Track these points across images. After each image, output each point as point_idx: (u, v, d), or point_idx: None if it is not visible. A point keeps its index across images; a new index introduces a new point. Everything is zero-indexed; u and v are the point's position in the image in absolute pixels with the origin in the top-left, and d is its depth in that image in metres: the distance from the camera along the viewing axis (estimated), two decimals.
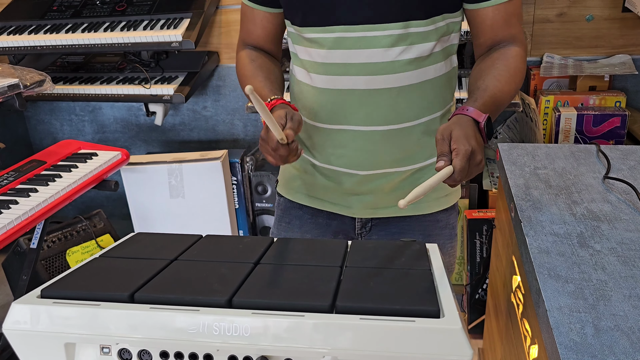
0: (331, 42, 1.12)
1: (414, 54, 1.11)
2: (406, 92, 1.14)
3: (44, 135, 3.04)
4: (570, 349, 0.78)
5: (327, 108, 1.17)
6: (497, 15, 1.11)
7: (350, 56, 1.11)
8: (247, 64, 1.23)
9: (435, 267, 0.75)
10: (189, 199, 2.42)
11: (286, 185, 1.34)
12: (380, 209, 1.25)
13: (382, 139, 1.16)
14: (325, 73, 1.15)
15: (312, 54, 1.16)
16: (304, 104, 1.22)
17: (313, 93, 1.18)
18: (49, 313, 0.66)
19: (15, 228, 1.53)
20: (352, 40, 1.10)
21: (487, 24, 1.13)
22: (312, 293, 0.67)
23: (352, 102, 1.14)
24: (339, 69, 1.13)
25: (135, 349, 0.66)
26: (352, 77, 1.12)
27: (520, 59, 1.14)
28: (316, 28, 1.12)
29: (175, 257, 0.80)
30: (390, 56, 1.10)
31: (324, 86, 1.16)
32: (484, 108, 1.03)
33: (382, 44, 1.09)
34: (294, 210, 1.32)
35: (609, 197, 1.20)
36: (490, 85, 1.08)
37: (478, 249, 2.15)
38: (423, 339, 0.59)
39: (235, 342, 0.63)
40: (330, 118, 1.17)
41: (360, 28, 1.09)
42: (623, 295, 0.89)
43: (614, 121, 2.14)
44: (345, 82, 1.13)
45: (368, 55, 1.10)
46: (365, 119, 1.15)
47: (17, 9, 2.64)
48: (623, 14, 2.29)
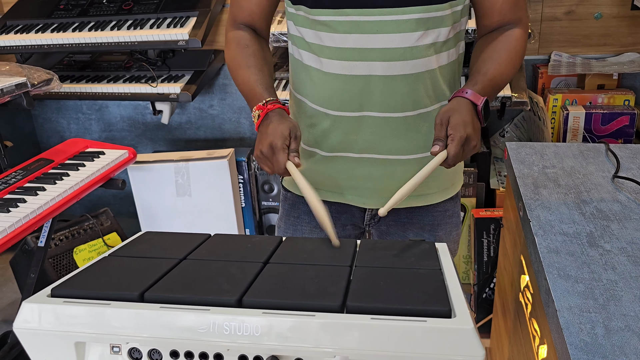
0: (346, 26, 1.07)
1: (432, 39, 1.09)
2: (423, 78, 1.12)
3: (51, 134, 3.05)
4: (581, 349, 0.78)
5: (340, 95, 1.13)
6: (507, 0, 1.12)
7: (368, 41, 1.07)
8: (240, 50, 1.18)
9: (446, 267, 0.74)
10: (195, 197, 2.42)
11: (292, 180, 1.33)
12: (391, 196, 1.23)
13: (398, 125, 1.14)
14: (339, 58, 1.10)
15: (322, 38, 1.11)
16: (312, 91, 1.18)
17: (324, 79, 1.14)
18: (59, 312, 0.66)
19: (23, 226, 1.53)
20: (370, 24, 1.06)
21: (496, 8, 1.13)
22: (322, 293, 0.67)
23: (368, 89, 1.11)
24: (355, 54, 1.09)
25: (145, 349, 0.66)
26: (369, 62, 1.09)
27: (523, 41, 1.15)
28: (330, 10, 1.07)
29: (185, 257, 0.80)
30: (409, 41, 1.07)
31: (337, 72, 1.12)
32: (482, 91, 1.05)
33: (401, 29, 1.06)
34: (302, 206, 1.30)
35: (619, 196, 1.19)
36: (491, 68, 1.09)
37: (485, 248, 2.15)
38: (434, 339, 0.59)
39: (245, 342, 0.63)
40: (343, 105, 1.14)
41: (378, 12, 1.05)
42: (634, 296, 0.89)
43: (622, 120, 2.13)
44: (361, 68, 1.09)
45: (387, 40, 1.07)
46: (382, 106, 1.12)
47: (24, 8, 2.65)
48: (632, 12, 2.27)
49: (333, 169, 1.22)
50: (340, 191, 1.25)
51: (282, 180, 1.38)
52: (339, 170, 1.22)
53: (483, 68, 1.10)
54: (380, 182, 1.21)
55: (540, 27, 2.35)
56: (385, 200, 1.23)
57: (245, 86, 1.15)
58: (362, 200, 1.24)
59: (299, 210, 1.31)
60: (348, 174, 1.21)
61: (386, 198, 1.22)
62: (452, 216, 1.31)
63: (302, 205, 1.30)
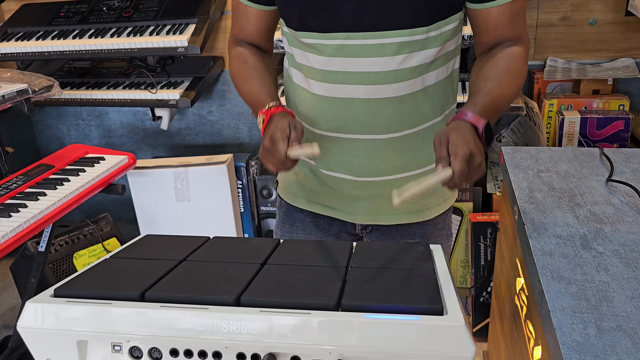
0: (332, 50, 1.08)
1: (416, 61, 1.08)
2: (408, 100, 1.11)
3: (51, 140, 3.07)
4: (573, 349, 0.79)
5: (326, 116, 1.14)
6: (501, 15, 1.08)
7: (351, 64, 1.08)
8: (240, 65, 1.20)
9: (439, 267, 0.76)
10: (194, 202, 2.44)
11: (286, 189, 1.32)
12: (381, 215, 1.24)
13: (383, 147, 1.14)
14: (324, 81, 1.11)
15: (310, 60, 1.12)
16: (302, 110, 1.19)
17: (311, 99, 1.15)
18: (61, 312, 0.67)
19: (24, 231, 1.55)
20: (353, 48, 1.06)
21: (490, 24, 1.09)
22: (318, 292, 0.68)
23: (353, 111, 1.11)
24: (339, 77, 1.09)
25: (145, 347, 0.67)
26: (353, 85, 1.09)
27: (523, 60, 1.11)
28: (316, 34, 1.08)
29: (184, 258, 0.81)
30: (392, 64, 1.07)
31: (323, 94, 1.13)
32: (483, 113, 1.02)
33: (385, 52, 1.06)
34: (295, 214, 1.31)
35: (612, 199, 1.21)
36: (492, 89, 1.06)
37: (482, 252, 2.16)
38: (427, 336, 0.60)
39: (243, 340, 0.64)
40: (329, 126, 1.15)
41: (361, 35, 1.05)
42: (625, 297, 0.90)
43: (617, 124, 2.15)
44: (345, 91, 1.10)
45: (370, 63, 1.07)
46: (366, 128, 1.12)
47: (25, 16, 2.67)
48: (626, 18, 2.30)
49: (324, 184, 1.23)
50: (331, 206, 1.26)
51: (276, 186, 1.39)
52: (329, 186, 1.23)
53: (484, 88, 1.06)
54: (367, 202, 1.22)
55: (536, 33, 2.38)
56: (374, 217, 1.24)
57: (250, 97, 1.17)
58: (352, 216, 1.25)
59: (293, 218, 1.32)
60: (337, 192, 1.22)
61: (375, 215, 1.24)
62: (443, 228, 1.31)
63: (296, 213, 1.31)
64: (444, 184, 0.94)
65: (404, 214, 1.23)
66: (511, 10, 1.07)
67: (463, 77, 2.25)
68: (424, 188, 0.91)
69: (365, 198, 1.21)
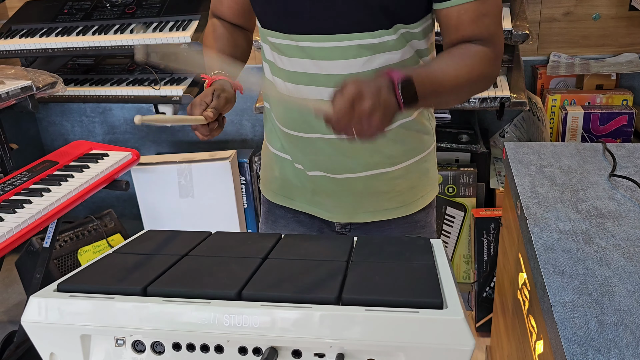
0: (294, 51, 1.07)
1: (379, 63, 1.06)
2: None
3: (55, 137, 3.08)
4: (574, 342, 0.80)
5: (293, 116, 1.14)
6: (463, 15, 1.02)
7: (314, 66, 1.07)
8: (208, 34, 1.22)
9: (439, 261, 0.76)
10: (198, 198, 2.44)
11: (266, 185, 1.32)
12: (358, 214, 1.23)
13: (352, 146, 1.11)
14: (287, 80, 1.11)
15: (275, 58, 1.12)
16: (273, 106, 1.20)
17: (279, 98, 1.16)
18: (65, 306, 0.68)
19: (29, 227, 1.56)
20: (315, 50, 1.05)
21: (452, 24, 1.04)
22: (319, 286, 0.69)
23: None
24: (303, 78, 1.09)
25: (148, 341, 0.68)
26: (317, 87, 1.08)
27: (482, 58, 1.02)
28: (277, 33, 1.08)
29: (186, 253, 0.82)
30: (354, 67, 1.05)
31: (287, 93, 1.12)
32: (413, 75, 0.92)
33: (345, 55, 1.05)
34: (277, 210, 1.31)
35: (615, 194, 1.21)
36: (435, 64, 1.02)
37: (485, 248, 2.16)
38: (427, 329, 0.61)
39: (245, 334, 0.65)
40: (297, 126, 1.14)
41: (322, 38, 1.04)
42: (627, 291, 0.90)
43: (620, 119, 2.14)
44: (310, 92, 1.09)
45: (332, 66, 1.06)
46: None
47: (28, 13, 2.68)
48: (630, 13, 2.29)
49: (302, 181, 1.23)
50: (308, 203, 1.25)
51: (259, 181, 1.38)
52: (306, 184, 1.22)
53: (426, 65, 1.05)
54: (343, 199, 1.21)
55: (539, 28, 2.37)
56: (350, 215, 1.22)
57: (207, 64, 1.17)
58: (328, 214, 1.24)
59: (275, 214, 1.32)
60: (312, 189, 1.22)
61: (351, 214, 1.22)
62: (424, 227, 1.28)
63: (277, 209, 1.31)
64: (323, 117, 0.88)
65: (379, 211, 1.22)
66: (475, 11, 1.01)
67: None
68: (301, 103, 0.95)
69: (340, 196, 1.20)
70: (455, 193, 2.28)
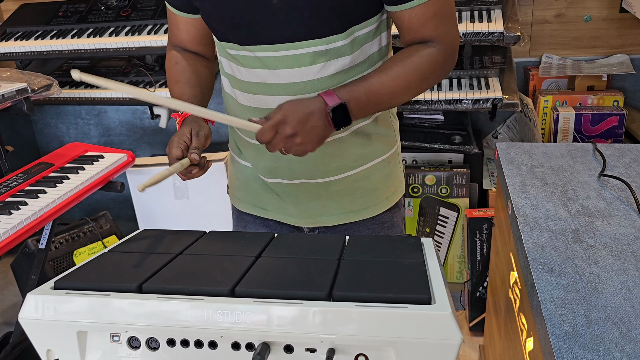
0: (251, 61, 1.09)
1: (335, 68, 1.07)
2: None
3: (50, 139, 3.08)
4: (562, 339, 0.81)
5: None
6: (413, 18, 1.05)
7: (271, 76, 1.08)
8: (171, 68, 1.21)
9: (429, 259, 0.78)
10: (193, 200, 2.45)
11: (233, 194, 1.33)
12: (323, 217, 1.23)
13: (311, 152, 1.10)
14: (247, 91, 1.13)
15: (234, 70, 1.13)
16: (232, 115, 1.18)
17: (239, 109, 1.17)
18: (62, 303, 0.69)
19: (25, 228, 1.56)
20: (271, 60, 1.07)
21: (404, 26, 1.07)
22: (310, 283, 0.70)
23: None
24: (261, 88, 1.10)
25: (143, 337, 0.69)
26: (276, 96, 1.09)
27: (427, 60, 1.05)
28: (235, 45, 1.09)
29: (181, 251, 0.83)
30: (310, 74, 1.07)
31: (247, 104, 1.14)
32: (347, 95, 0.99)
33: (300, 63, 1.06)
34: (245, 217, 1.32)
35: (604, 194, 1.22)
36: (373, 79, 1.04)
37: (478, 248, 2.18)
38: (415, 324, 0.62)
39: (238, 330, 0.66)
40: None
41: (276, 47, 1.06)
42: (614, 288, 0.92)
43: (612, 120, 2.17)
44: (267, 101, 1.10)
45: (288, 74, 1.07)
46: None
47: (23, 15, 2.68)
48: (621, 15, 2.31)
49: (266, 188, 1.24)
50: (274, 209, 1.26)
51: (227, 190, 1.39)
52: (270, 190, 1.24)
53: (365, 76, 1.05)
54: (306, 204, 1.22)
55: (531, 29, 2.39)
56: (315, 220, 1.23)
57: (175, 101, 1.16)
58: (294, 219, 1.25)
59: (244, 221, 1.33)
60: (278, 195, 1.23)
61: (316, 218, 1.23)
62: (391, 227, 1.29)
63: (246, 216, 1.32)
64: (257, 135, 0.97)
65: (344, 213, 1.23)
66: (424, 13, 1.04)
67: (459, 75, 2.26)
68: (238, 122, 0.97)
69: (304, 201, 1.22)
70: (448, 194, 2.30)
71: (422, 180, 2.30)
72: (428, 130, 2.40)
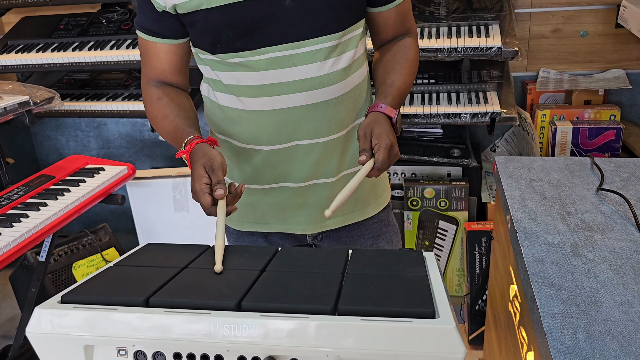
0: (264, 64, 1.10)
1: (344, 62, 1.14)
2: (343, 100, 1.16)
3: (50, 151, 3.08)
4: (563, 352, 0.81)
5: (267, 130, 1.15)
6: (398, 14, 1.20)
7: (286, 75, 1.11)
8: (154, 104, 1.17)
9: (432, 273, 0.78)
10: (193, 212, 2.45)
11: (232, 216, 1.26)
12: (328, 220, 1.25)
13: (325, 149, 1.18)
14: (259, 95, 1.13)
15: (240, 79, 1.13)
16: (234, 131, 1.19)
17: (247, 117, 1.16)
18: (69, 317, 0.70)
19: (26, 241, 1.56)
20: (286, 59, 1.09)
21: (389, 23, 1.21)
22: (315, 297, 0.71)
23: (294, 120, 1.14)
24: (276, 89, 1.12)
25: (150, 351, 0.70)
26: (291, 95, 1.12)
27: (416, 48, 1.24)
28: (245, 52, 1.10)
29: (186, 265, 0.83)
30: (325, 68, 1.12)
31: (259, 108, 1.14)
32: (393, 103, 1.12)
33: (316, 58, 1.10)
34: (245, 237, 1.32)
35: (602, 208, 1.23)
36: (396, 79, 1.16)
37: (477, 261, 2.19)
38: (419, 338, 0.63)
39: (244, 343, 0.67)
40: (273, 139, 1.16)
41: (292, 45, 1.09)
42: (614, 302, 0.92)
43: (609, 134, 2.18)
44: (284, 101, 1.12)
45: (304, 71, 1.11)
46: (308, 133, 1.16)
47: (25, 28, 2.70)
48: (616, 30, 2.34)
49: (269, 200, 1.24)
50: (278, 221, 1.27)
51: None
52: (275, 201, 1.24)
53: (389, 79, 1.16)
54: (315, 208, 1.24)
55: (528, 44, 2.42)
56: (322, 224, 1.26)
57: (169, 136, 1.15)
58: (300, 227, 1.26)
59: (244, 241, 1.33)
60: (284, 203, 1.24)
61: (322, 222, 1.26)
62: (388, 225, 1.36)
63: (246, 236, 1.32)
64: (368, 175, 1.03)
65: (348, 214, 1.27)
66: (404, 9, 1.21)
67: (457, 89, 2.28)
68: (351, 189, 0.98)
69: (310, 205, 1.23)
70: (447, 207, 2.31)
71: (421, 194, 2.31)
72: (427, 143, 2.41)
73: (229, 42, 1.09)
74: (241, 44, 1.09)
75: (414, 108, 2.18)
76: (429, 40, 2.13)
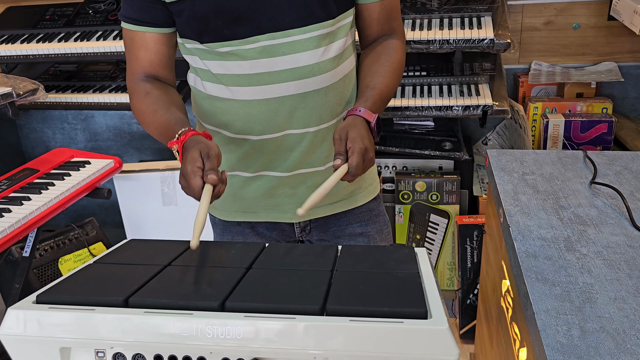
0: (255, 53, 1.09)
1: (334, 51, 1.14)
2: (334, 89, 1.16)
3: (36, 144, 3.04)
4: (557, 350, 0.80)
5: (257, 119, 1.14)
6: (382, 10, 1.18)
7: (277, 63, 1.10)
8: (142, 99, 1.13)
9: (424, 270, 0.76)
10: (181, 206, 2.43)
11: (218, 206, 1.29)
12: (316, 209, 1.23)
13: (315, 138, 1.17)
14: (250, 84, 1.12)
15: (230, 68, 1.11)
16: (224, 120, 1.17)
17: (237, 106, 1.14)
18: (44, 318, 0.67)
19: (8, 236, 1.53)
20: (277, 47, 1.09)
21: (374, 18, 1.19)
22: (303, 296, 0.68)
23: (285, 109, 1.13)
24: (266, 78, 1.11)
25: (129, 353, 0.67)
26: (282, 84, 1.11)
27: (401, 51, 1.22)
28: (236, 41, 1.08)
29: (169, 263, 0.81)
30: (315, 57, 1.11)
31: (250, 98, 1.12)
32: (374, 107, 1.10)
33: (306, 47, 1.10)
34: (232, 228, 1.30)
35: (596, 201, 1.22)
36: (378, 82, 1.14)
37: (469, 255, 2.18)
38: (411, 340, 0.61)
39: (228, 345, 0.64)
40: (264, 129, 1.15)
41: (283, 34, 1.08)
42: (608, 298, 0.91)
43: (601, 127, 2.17)
44: (274, 90, 1.12)
45: (295, 59, 1.10)
46: (299, 122, 1.15)
47: (9, 19, 2.65)
48: (609, 22, 2.33)
49: (257, 189, 1.23)
50: (266, 210, 1.25)
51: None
52: (263, 189, 1.22)
53: (371, 83, 1.14)
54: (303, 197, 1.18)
55: (521, 37, 2.40)
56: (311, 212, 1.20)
57: (158, 130, 1.11)
58: (287, 215, 1.25)
59: (231, 232, 1.31)
60: (271, 192, 1.22)
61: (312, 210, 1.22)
62: (378, 215, 1.35)
63: (233, 227, 1.30)
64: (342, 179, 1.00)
65: (336, 202, 1.26)
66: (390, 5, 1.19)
67: (449, 81, 2.26)
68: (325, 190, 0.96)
69: (298, 194, 1.22)
70: (438, 200, 2.29)
71: (413, 187, 2.29)
72: (418, 136, 2.39)
73: (217, 30, 1.08)
74: (230, 32, 1.08)
75: (406, 100, 2.16)
76: (420, 32, 2.11)
